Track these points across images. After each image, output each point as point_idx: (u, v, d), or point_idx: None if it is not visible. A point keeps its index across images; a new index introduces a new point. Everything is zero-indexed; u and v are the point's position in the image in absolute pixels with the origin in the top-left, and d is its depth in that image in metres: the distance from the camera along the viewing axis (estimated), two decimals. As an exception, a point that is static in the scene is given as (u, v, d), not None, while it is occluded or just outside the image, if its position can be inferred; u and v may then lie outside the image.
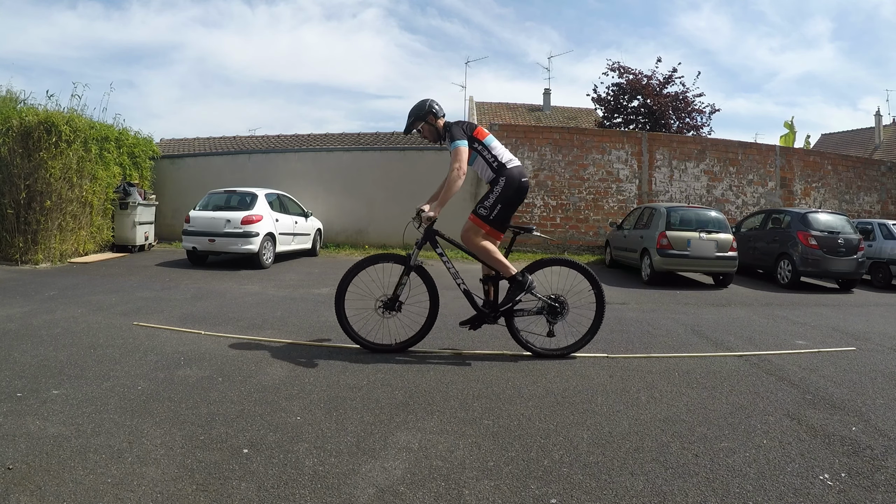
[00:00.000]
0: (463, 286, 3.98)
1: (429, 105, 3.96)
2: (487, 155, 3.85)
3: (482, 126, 4.01)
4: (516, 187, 3.81)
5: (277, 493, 2.03)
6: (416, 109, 3.99)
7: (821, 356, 4.39)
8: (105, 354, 3.74)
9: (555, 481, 2.18)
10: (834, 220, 9.54)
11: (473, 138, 3.84)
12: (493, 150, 3.86)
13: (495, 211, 3.79)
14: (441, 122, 3.97)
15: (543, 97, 24.82)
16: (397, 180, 13.32)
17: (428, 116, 3.95)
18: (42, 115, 9.42)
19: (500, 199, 3.79)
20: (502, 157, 3.86)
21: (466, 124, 3.90)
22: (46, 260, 9.17)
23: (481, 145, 3.85)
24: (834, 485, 2.21)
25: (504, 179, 3.78)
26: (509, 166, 3.82)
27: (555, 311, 3.95)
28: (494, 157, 3.85)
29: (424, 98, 4.04)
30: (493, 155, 3.85)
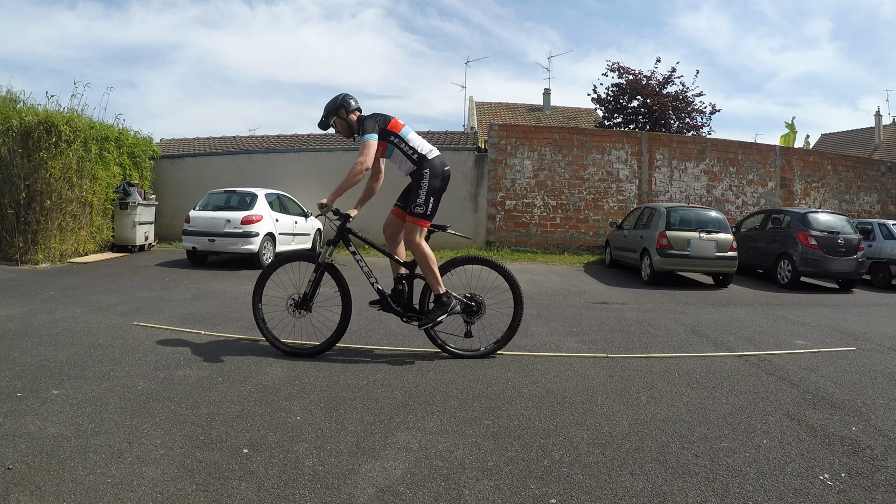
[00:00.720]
0: (377, 285, 3.92)
1: (341, 99, 3.86)
2: (405, 147, 3.76)
3: (403, 126, 3.84)
4: (441, 177, 3.75)
5: (277, 493, 2.03)
6: (329, 104, 3.88)
7: (821, 356, 4.40)
8: (105, 354, 3.74)
9: (555, 481, 2.18)
10: (834, 220, 9.54)
11: (388, 132, 3.74)
12: (411, 142, 3.77)
13: (430, 205, 3.72)
14: (354, 116, 3.86)
15: (543, 97, 24.83)
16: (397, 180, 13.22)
17: (339, 111, 3.84)
18: (42, 115, 9.41)
19: (430, 191, 3.71)
20: (422, 149, 3.77)
21: (381, 118, 3.79)
22: (46, 260, 9.17)
23: (397, 138, 3.76)
24: (834, 485, 2.21)
25: (428, 171, 3.71)
26: (430, 157, 3.75)
27: (471, 312, 3.87)
28: (413, 149, 3.76)
29: (341, 93, 3.94)
30: (412, 147, 3.76)
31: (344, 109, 3.85)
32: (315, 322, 3.95)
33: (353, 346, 4.18)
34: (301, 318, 3.84)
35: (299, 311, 3.82)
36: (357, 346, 4.16)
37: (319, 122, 3.96)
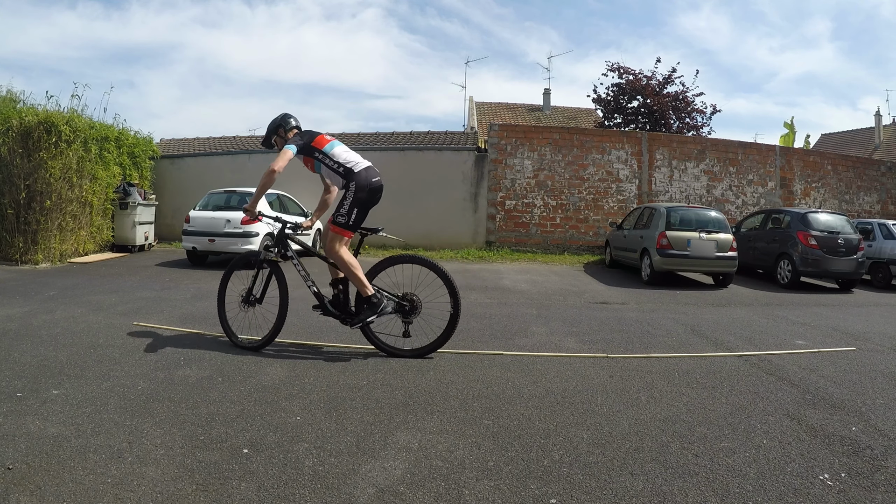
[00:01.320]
0: (313, 288, 4.04)
1: (281, 119, 4.13)
2: (330, 162, 3.90)
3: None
4: (367, 189, 3.86)
5: (277, 493, 2.03)
6: (271, 124, 4.15)
7: (821, 356, 4.40)
8: (105, 354, 3.74)
9: (555, 481, 2.18)
10: (834, 220, 9.54)
11: (312, 148, 3.92)
12: (336, 157, 3.90)
13: (352, 216, 3.85)
14: (291, 134, 4.07)
15: (543, 97, 24.82)
16: (397, 180, 13.27)
17: (279, 130, 4.11)
18: (42, 115, 9.41)
19: (354, 203, 3.83)
20: (348, 163, 3.89)
21: (307, 134, 3.99)
22: (46, 260, 9.17)
23: (321, 153, 3.91)
24: (834, 485, 2.21)
25: (353, 184, 3.84)
26: (356, 170, 3.87)
27: (406, 311, 3.91)
28: (338, 164, 3.89)
29: (283, 112, 4.20)
30: (337, 161, 3.89)
31: (282, 129, 4.11)
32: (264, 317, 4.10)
33: (353, 346, 4.18)
34: (247, 311, 4.09)
35: (246, 306, 4.09)
36: (357, 347, 4.16)
37: (263, 140, 4.26)
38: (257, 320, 4.07)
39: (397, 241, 12.19)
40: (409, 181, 13.25)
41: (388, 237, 4.36)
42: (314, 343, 4.25)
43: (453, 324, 3.90)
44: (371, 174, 3.92)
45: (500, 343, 4.46)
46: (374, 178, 3.93)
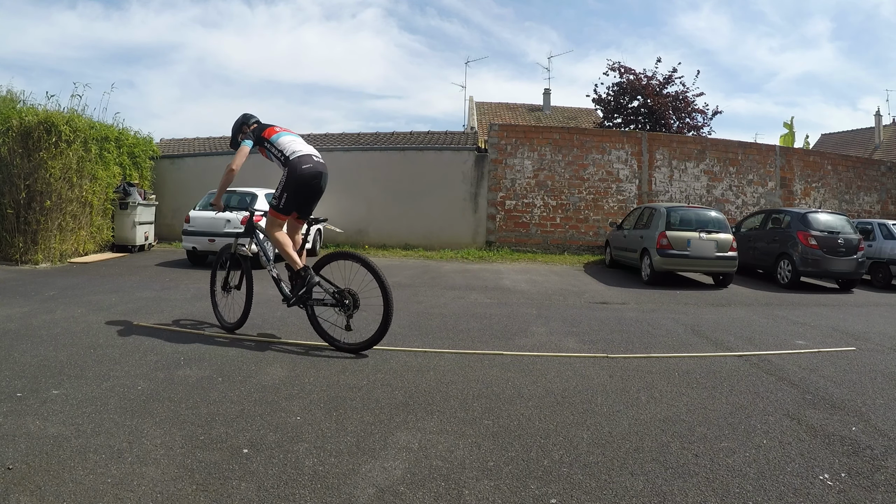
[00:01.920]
0: (273, 271, 4.29)
1: (242, 118, 4.43)
2: (274, 150, 4.17)
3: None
4: (297, 175, 4.02)
5: (277, 493, 2.03)
6: (235, 125, 4.44)
7: (821, 356, 4.40)
8: (105, 354, 3.74)
9: (555, 481, 2.18)
10: (834, 220, 9.54)
11: (262, 138, 4.20)
12: (279, 146, 4.14)
13: (282, 200, 4.06)
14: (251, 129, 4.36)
15: (543, 97, 24.81)
16: (397, 180, 13.32)
17: (243, 127, 4.39)
18: (42, 115, 9.41)
19: (284, 188, 4.05)
20: (286, 151, 4.11)
21: (260, 126, 4.31)
22: (46, 260, 9.17)
23: (268, 143, 4.19)
24: (834, 485, 2.21)
25: (287, 170, 4.06)
26: (291, 158, 4.06)
27: (343, 306, 3.98)
28: (280, 152, 4.12)
29: (243, 113, 4.50)
30: (279, 150, 4.13)
31: (245, 126, 4.41)
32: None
33: (353, 346, 4.18)
34: (227, 297, 4.58)
35: (226, 293, 4.57)
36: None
37: (230, 142, 4.51)
38: (237, 305, 4.48)
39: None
40: (410, 181, 13.25)
41: (332, 228, 4.65)
42: (314, 343, 4.25)
43: (386, 320, 3.87)
44: (304, 161, 4.06)
45: (500, 343, 4.46)
46: (306, 164, 4.05)
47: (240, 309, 4.44)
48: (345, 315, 3.99)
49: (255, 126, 4.36)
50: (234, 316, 4.48)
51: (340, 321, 4.03)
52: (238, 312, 4.44)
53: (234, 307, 4.50)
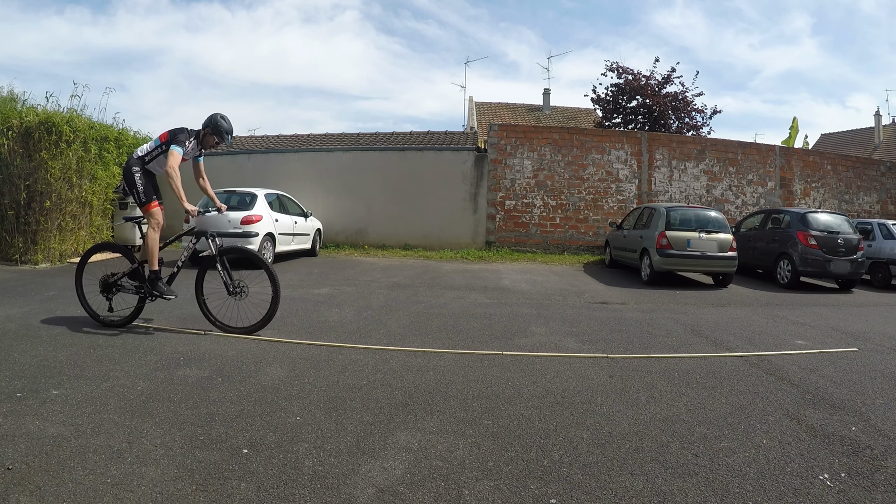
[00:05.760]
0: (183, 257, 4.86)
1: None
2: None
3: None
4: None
5: (277, 493, 2.03)
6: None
7: (821, 356, 4.40)
8: (105, 354, 3.74)
9: (555, 481, 2.18)
10: (833, 220, 9.54)
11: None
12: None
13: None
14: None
15: (543, 97, 24.83)
16: (397, 180, 13.32)
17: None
18: (42, 116, 9.40)
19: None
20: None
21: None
22: (46, 260, 9.16)
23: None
24: (834, 485, 2.21)
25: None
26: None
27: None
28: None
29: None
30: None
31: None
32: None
33: (353, 346, 4.18)
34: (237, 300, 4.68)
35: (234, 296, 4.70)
36: (357, 346, 4.16)
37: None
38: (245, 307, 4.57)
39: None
40: (409, 181, 13.25)
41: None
42: (314, 343, 4.25)
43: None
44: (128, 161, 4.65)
45: (500, 343, 4.46)
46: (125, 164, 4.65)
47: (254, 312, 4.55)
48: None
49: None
50: (239, 317, 4.55)
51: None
52: (259, 313, 4.53)
53: (238, 308, 4.57)
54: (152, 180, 4.67)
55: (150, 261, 4.52)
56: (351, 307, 5.76)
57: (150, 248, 4.50)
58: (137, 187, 4.52)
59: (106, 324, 4.57)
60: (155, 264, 4.53)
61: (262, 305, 4.52)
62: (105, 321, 4.60)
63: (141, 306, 4.65)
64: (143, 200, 4.52)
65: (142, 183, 4.53)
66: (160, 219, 4.58)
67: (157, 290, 4.53)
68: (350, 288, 7.24)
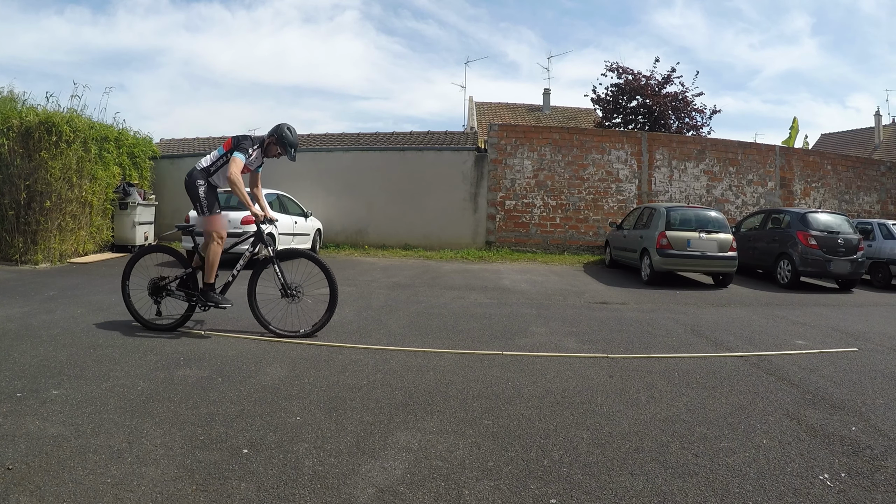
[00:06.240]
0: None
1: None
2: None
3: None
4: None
5: (277, 493, 2.02)
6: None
7: (821, 356, 4.40)
8: (105, 354, 3.74)
9: (555, 481, 2.18)
10: (833, 220, 9.54)
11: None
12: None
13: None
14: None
15: (543, 97, 24.83)
16: (397, 181, 13.32)
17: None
18: (42, 115, 9.40)
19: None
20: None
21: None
22: (46, 260, 9.16)
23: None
24: (834, 485, 2.21)
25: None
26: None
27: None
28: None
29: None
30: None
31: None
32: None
33: (352, 345, 4.19)
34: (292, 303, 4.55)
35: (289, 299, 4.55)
36: (357, 346, 4.16)
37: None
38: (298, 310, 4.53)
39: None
40: (409, 181, 13.26)
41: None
42: (314, 343, 4.25)
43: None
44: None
45: (500, 343, 4.46)
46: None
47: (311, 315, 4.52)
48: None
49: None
50: (293, 322, 4.49)
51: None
52: (316, 316, 4.50)
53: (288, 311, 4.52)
54: (215, 192, 4.59)
55: (208, 273, 4.43)
56: (351, 307, 5.75)
57: (211, 261, 4.42)
58: (200, 200, 4.43)
59: (151, 328, 4.50)
60: (212, 277, 4.45)
61: (309, 309, 4.50)
62: (150, 324, 4.52)
63: (189, 314, 4.57)
64: (205, 213, 4.45)
65: (205, 196, 4.44)
66: (223, 233, 4.51)
67: (212, 301, 4.45)
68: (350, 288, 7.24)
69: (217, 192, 4.60)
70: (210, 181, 4.52)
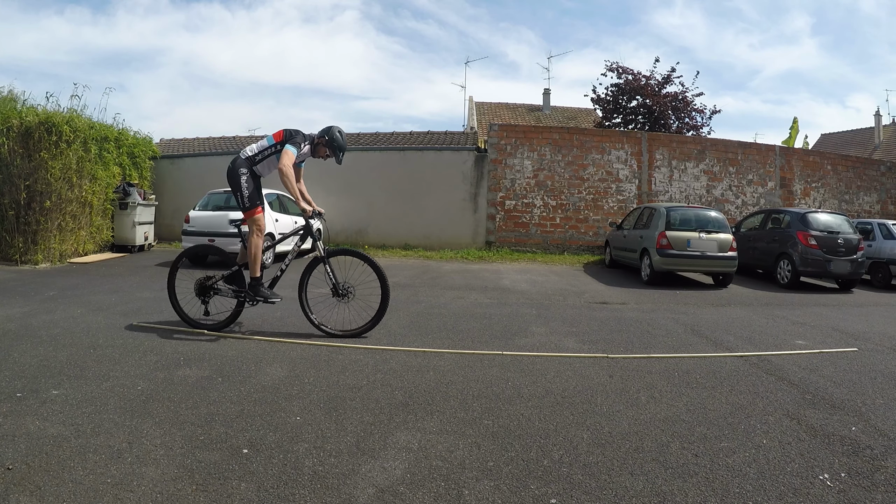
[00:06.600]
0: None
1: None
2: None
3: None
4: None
5: (277, 493, 2.03)
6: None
7: (821, 356, 4.40)
8: (105, 354, 3.74)
9: (555, 481, 2.18)
10: (833, 220, 9.54)
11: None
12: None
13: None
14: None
15: (543, 97, 24.84)
16: (397, 180, 13.32)
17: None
18: (42, 116, 9.41)
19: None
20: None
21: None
22: (46, 260, 9.16)
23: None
24: (834, 485, 2.21)
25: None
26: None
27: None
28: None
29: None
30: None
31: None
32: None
33: (352, 345, 4.19)
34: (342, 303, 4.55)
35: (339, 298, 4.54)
36: (357, 346, 4.16)
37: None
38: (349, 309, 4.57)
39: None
40: (409, 181, 13.25)
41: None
42: (314, 343, 4.25)
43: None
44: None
45: (500, 343, 4.46)
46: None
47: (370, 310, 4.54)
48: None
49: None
50: (339, 321, 4.55)
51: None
52: (367, 315, 4.54)
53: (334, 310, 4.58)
54: (258, 184, 4.50)
55: (253, 267, 4.37)
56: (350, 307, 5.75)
57: (254, 255, 4.36)
58: (242, 191, 4.35)
59: (199, 327, 4.48)
60: (258, 271, 4.39)
61: (357, 308, 4.55)
62: (198, 324, 4.50)
63: (239, 311, 4.53)
64: (246, 206, 4.37)
65: (248, 187, 4.36)
66: (263, 225, 4.45)
67: (261, 295, 4.40)
68: (350, 288, 7.23)
69: (260, 183, 4.53)
70: (253, 170, 4.45)
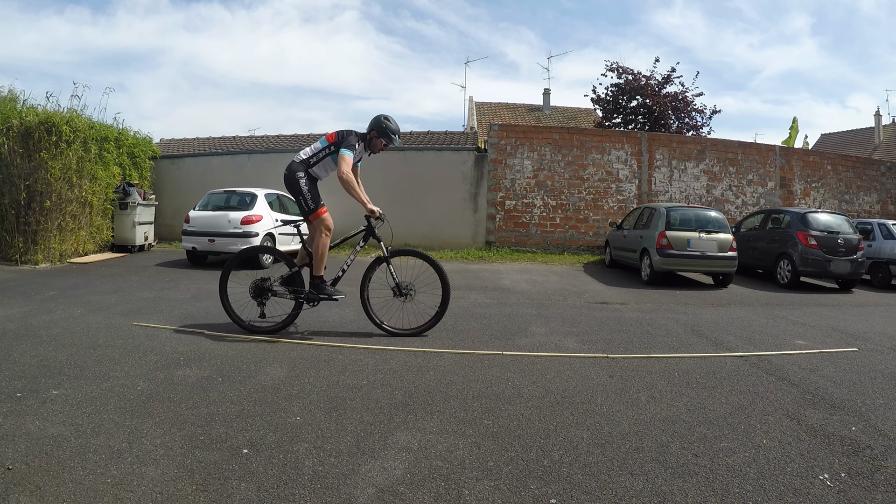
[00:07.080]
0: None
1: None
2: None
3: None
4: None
5: (277, 493, 2.03)
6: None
7: (821, 356, 4.40)
8: (105, 354, 3.74)
9: (555, 481, 2.18)
10: (833, 220, 9.54)
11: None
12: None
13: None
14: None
15: (543, 97, 24.83)
16: (397, 180, 13.31)
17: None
18: (42, 116, 9.41)
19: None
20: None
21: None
22: (46, 260, 9.16)
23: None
24: (834, 485, 2.21)
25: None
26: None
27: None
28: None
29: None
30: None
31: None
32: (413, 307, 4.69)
33: (353, 345, 4.19)
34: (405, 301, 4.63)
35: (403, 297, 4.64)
36: (357, 346, 4.16)
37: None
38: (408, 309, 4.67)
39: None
40: (409, 181, 13.25)
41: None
42: (314, 343, 4.25)
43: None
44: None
45: (500, 343, 4.46)
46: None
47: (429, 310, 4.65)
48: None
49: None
50: (405, 321, 4.62)
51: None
52: (426, 315, 4.65)
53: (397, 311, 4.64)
54: (316, 184, 4.52)
55: (317, 266, 4.39)
56: (351, 307, 5.75)
57: (320, 254, 4.37)
58: (304, 194, 4.36)
59: (253, 331, 4.39)
60: (321, 269, 4.39)
61: (413, 309, 4.63)
62: (252, 328, 4.41)
63: (297, 312, 4.48)
64: (311, 208, 4.37)
65: (308, 189, 4.37)
66: (330, 224, 4.46)
67: (325, 293, 4.39)
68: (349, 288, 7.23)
69: (316, 184, 4.53)
70: (310, 173, 4.46)
